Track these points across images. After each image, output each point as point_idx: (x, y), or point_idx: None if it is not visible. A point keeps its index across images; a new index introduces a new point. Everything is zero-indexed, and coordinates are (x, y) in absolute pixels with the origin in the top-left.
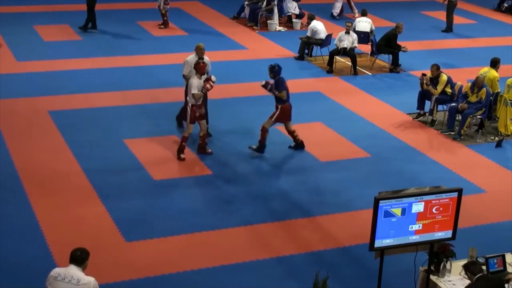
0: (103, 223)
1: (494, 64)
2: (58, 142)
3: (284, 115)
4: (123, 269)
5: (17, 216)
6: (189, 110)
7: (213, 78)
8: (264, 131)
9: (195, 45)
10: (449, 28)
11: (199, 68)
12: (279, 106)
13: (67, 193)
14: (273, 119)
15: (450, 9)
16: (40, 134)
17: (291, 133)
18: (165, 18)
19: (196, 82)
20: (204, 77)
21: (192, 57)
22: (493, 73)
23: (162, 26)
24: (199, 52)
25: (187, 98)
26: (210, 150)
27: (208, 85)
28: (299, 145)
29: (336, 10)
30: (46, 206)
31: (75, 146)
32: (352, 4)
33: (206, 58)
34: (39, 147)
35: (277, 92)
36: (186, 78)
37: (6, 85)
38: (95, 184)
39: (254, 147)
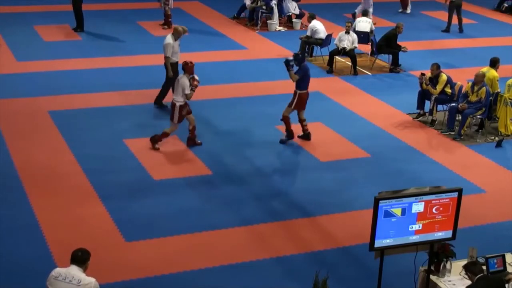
0: (103, 223)
1: (494, 63)
2: (58, 142)
3: (300, 103)
4: (123, 269)
5: (17, 216)
6: (177, 110)
7: (196, 77)
8: (286, 119)
9: (195, 45)
10: (447, 29)
11: (188, 68)
12: (298, 93)
13: (67, 193)
14: (292, 107)
15: (451, 10)
16: (40, 134)
17: (302, 121)
18: (169, 19)
19: (187, 82)
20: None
21: (171, 39)
22: (492, 73)
23: (165, 27)
24: (176, 34)
25: (175, 98)
26: (199, 141)
27: (195, 82)
28: (306, 136)
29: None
30: (46, 206)
31: (75, 146)
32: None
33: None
34: (39, 147)
35: (292, 72)
36: (168, 61)
37: (6, 85)
38: (95, 184)
39: (284, 137)
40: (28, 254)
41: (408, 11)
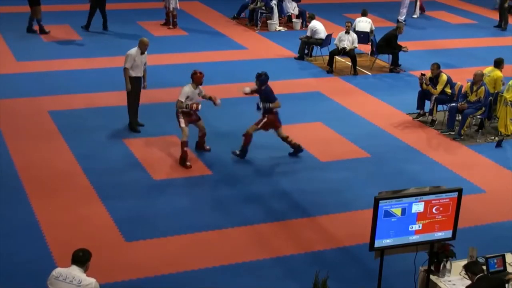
0: (103, 223)
1: (498, 64)
2: (58, 142)
3: (270, 125)
4: (123, 269)
5: (17, 216)
6: (180, 115)
7: (218, 101)
8: (248, 136)
9: (195, 45)
10: (502, 25)
11: (195, 78)
12: (266, 115)
13: (67, 193)
14: (258, 126)
15: (502, 5)
16: (40, 134)
17: (285, 139)
18: (175, 19)
19: (187, 90)
20: (199, 88)
21: (134, 50)
22: (497, 73)
23: (171, 27)
24: (143, 47)
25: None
26: (208, 147)
27: (194, 106)
28: (297, 149)
29: (402, 17)
30: (46, 206)
31: (75, 146)
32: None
33: (145, 54)
34: (39, 147)
35: (270, 104)
36: (127, 72)
37: (6, 85)
38: (95, 184)
39: (238, 152)
40: (28, 254)
41: (415, 16)
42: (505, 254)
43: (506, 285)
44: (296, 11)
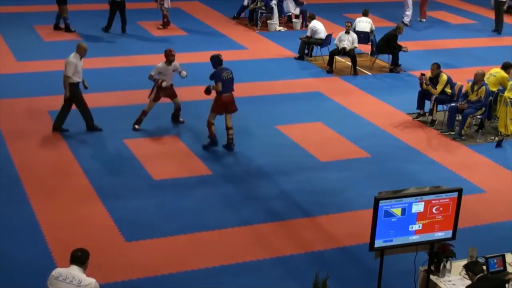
0: (103, 223)
1: (506, 67)
2: (58, 142)
3: (219, 106)
4: (123, 269)
5: (17, 216)
6: (155, 90)
7: (184, 73)
8: (210, 124)
9: (195, 45)
10: (498, 28)
11: (165, 55)
12: (215, 96)
13: (67, 193)
14: (211, 111)
15: (497, 9)
16: (40, 134)
17: (227, 129)
18: (165, 19)
19: (160, 66)
20: (174, 64)
21: (73, 56)
22: (502, 73)
23: (161, 27)
24: (82, 52)
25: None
26: (182, 119)
27: (160, 81)
28: (229, 146)
29: (407, 19)
30: (46, 206)
31: (75, 146)
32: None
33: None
34: (39, 147)
35: (213, 86)
36: (67, 80)
37: (6, 85)
38: (95, 184)
39: (206, 143)
40: (28, 254)
41: (424, 20)
42: (505, 254)
43: (506, 285)
44: (296, 11)
